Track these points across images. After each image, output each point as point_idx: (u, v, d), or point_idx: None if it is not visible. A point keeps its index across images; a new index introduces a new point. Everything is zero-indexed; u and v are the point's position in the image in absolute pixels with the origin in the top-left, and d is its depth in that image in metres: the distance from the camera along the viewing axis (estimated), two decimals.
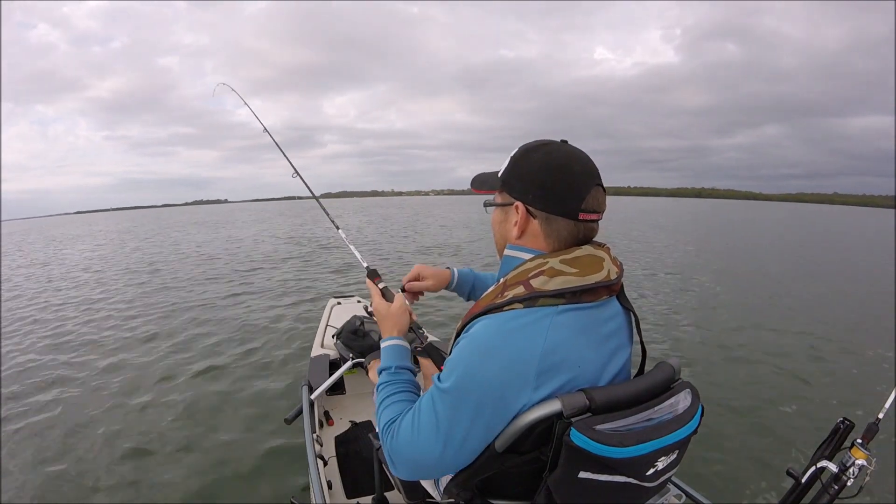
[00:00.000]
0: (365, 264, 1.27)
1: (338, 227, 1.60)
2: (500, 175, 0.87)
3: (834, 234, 20.81)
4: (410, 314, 1.06)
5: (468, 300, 1.23)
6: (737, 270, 9.41)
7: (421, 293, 1.20)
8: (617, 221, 24.43)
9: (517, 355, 0.69)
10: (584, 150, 0.82)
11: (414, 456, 0.77)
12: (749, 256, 11.84)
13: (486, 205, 0.93)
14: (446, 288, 1.22)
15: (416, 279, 1.18)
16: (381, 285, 1.15)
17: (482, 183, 0.93)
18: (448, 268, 1.23)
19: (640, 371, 0.87)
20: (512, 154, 0.87)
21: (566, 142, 0.84)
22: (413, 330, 1.11)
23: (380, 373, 0.93)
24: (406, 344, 0.98)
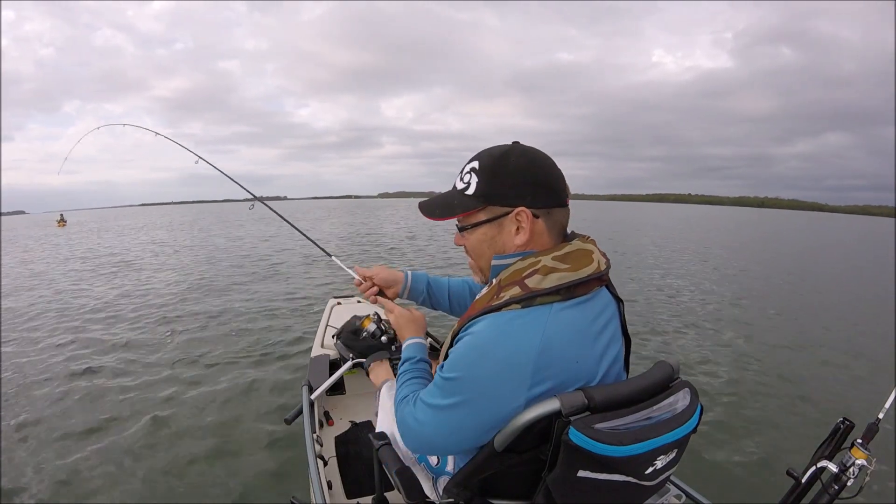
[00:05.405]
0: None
1: (330, 255, 1.61)
2: (471, 192, 0.82)
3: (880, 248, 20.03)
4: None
5: (423, 304, 1.25)
6: (768, 279, 9.19)
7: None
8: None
9: (514, 355, 0.70)
10: (641, 156, 0.83)
11: (416, 430, 0.83)
12: (788, 267, 11.34)
13: (463, 228, 0.86)
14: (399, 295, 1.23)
15: (372, 280, 1.22)
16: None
17: (450, 208, 0.85)
18: (403, 271, 1.23)
19: (625, 362, 0.87)
20: (473, 168, 0.83)
21: (518, 143, 0.84)
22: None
23: (404, 362, 1.01)
24: (426, 342, 1.07)
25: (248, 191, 2.07)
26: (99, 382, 3.71)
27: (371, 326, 1.49)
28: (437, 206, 0.89)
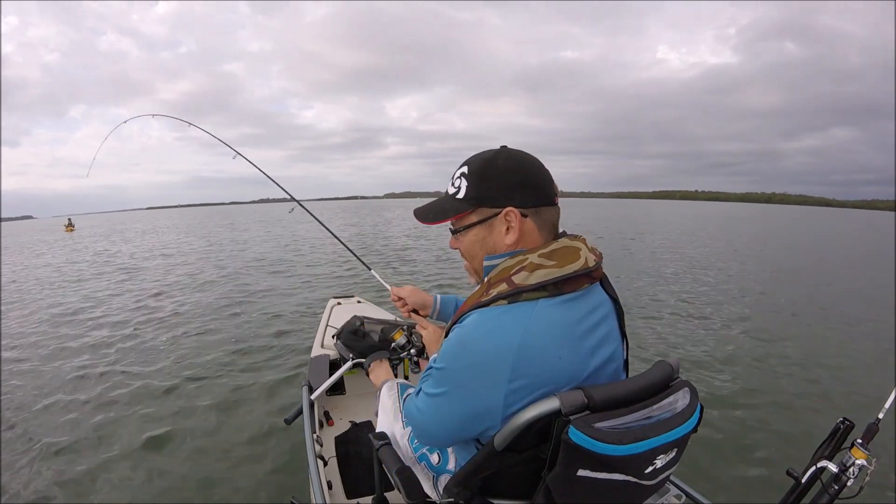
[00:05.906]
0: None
1: (369, 268, 1.89)
2: (462, 196, 0.85)
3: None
4: None
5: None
6: (768, 277, 9.08)
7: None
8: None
9: (494, 349, 0.72)
10: (647, 153, 0.86)
11: (417, 418, 0.86)
12: (792, 265, 11.02)
13: (456, 231, 0.90)
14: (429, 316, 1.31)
15: (404, 300, 1.30)
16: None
17: (443, 213, 0.89)
18: (432, 295, 1.30)
19: (625, 362, 0.87)
20: (463, 173, 0.86)
21: (505, 146, 0.87)
22: None
23: (428, 369, 1.07)
24: None
25: (288, 193, 2.20)
26: (98, 382, 3.71)
27: (402, 340, 1.55)
28: (430, 211, 0.92)
